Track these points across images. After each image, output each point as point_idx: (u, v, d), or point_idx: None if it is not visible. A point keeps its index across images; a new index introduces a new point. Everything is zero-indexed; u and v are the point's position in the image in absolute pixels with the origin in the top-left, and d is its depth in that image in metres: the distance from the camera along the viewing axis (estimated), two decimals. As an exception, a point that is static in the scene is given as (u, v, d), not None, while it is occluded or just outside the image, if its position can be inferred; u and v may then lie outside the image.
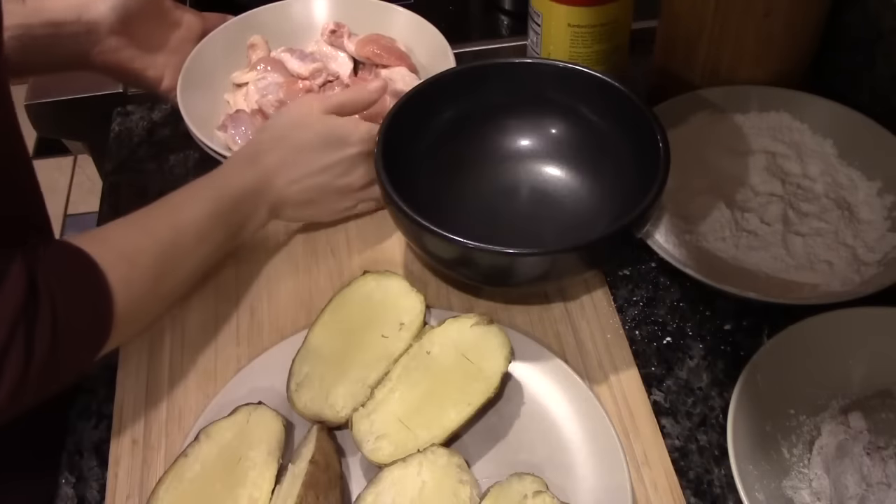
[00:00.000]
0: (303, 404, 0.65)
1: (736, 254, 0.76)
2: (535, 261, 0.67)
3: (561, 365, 0.69)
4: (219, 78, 0.91)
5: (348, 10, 0.96)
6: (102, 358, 0.73)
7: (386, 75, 0.88)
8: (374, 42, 0.91)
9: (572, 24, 0.83)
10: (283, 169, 0.74)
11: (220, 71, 0.91)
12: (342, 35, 0.93)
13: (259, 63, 0.91)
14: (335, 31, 0.93)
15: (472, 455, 0.65)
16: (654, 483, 0.64)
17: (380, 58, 0.91)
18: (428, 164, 0.79)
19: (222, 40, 0.92)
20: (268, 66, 0.90)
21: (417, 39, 0.93)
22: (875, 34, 0.85)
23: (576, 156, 0.82)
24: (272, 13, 0.95)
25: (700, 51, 0.86)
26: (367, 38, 0.92)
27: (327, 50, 0.93)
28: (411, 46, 0.93)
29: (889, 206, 0.78)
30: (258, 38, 0.93)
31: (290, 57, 0.91)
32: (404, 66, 0.90)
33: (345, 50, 0.93)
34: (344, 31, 0.93)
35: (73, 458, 0.68)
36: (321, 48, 0.94)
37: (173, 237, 0.67)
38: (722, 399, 0.69)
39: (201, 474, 0.61)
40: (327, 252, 0.80)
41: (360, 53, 0.92)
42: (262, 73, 0.89)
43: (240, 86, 0.91)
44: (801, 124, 0.85)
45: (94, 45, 0.82)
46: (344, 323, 0.70)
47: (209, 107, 0.88)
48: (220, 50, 0.91)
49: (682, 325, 0.74)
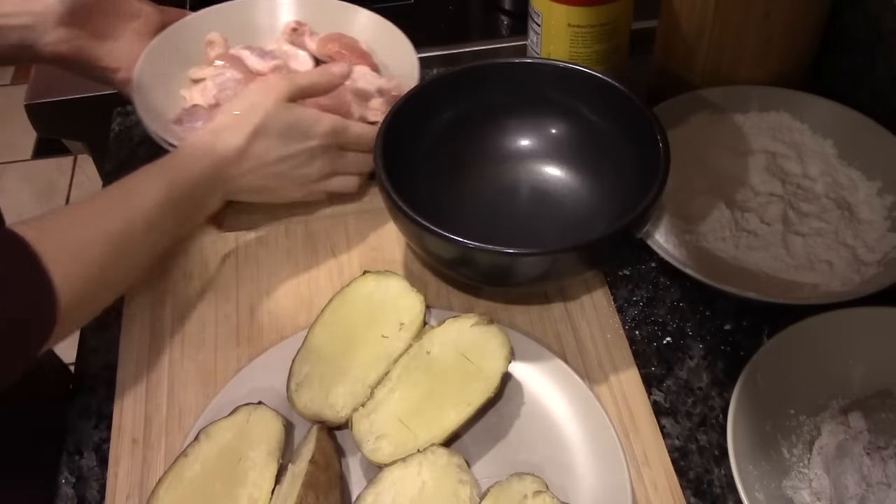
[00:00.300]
0: (303, 404, 0.65)
1: (736, 254, 0.76)
2: (535, 261, 0.67)
3: (561, 365, 0.69)
4: (175, 73, 0.89)
5: (310, 10, 0.94)
6: (102, 358, 0.74)
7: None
8: (335, 40, 0.90)
9: (572, 24, 0.83)
10: (241, 157, 0.72)
11: (177, 67, 0.89)
12: (303, 34, 0.92)
13: (217, 59, 0.88)
14: (296, 30, 0.92)
15: (472, 455, 0.65)
16: (654, 483, 0.64)
17: (341, 56, 0.89)
18: (428, 164, 0.79)
19: (180, 35, 0.90)
20: (226, 63, 0.88)
21: (380, 40, 0.92)
22: (875, 35, 0.85)
23: (576, 156, 0.82)
24: (233, 11, 0.94)
25: (700, 51, 0.86)
26: (328, 37, 0.91)
27: (288, 48, 0.92)
28: (374, 47, 0.91)
29: (889, 206, 0.78)
30: (216, 36, 0.91)
31: (249, 54, 0.89)
32: (366, 64, 0.89)
33: (306, 49, 0.92)
34: (305, 29, 0.92)
35: (73, 458, 0.68)
36: (281, 47, 0.92)
37: (123, 227, 0.65)
38: (722, 399, 0.69)
39: (201, 474, 0.61)
40: (327, 252, 0.80)
41: (321, 52, 0.90)
42: (221, 69, 0.87)
43: (197, 82, 0.89)
44: (801, 124, 0.85)
45: (41, 35, 0.80)
46: (344, 323, 0.70)
47: (165, 101, 0.86)
48: (177, 45, 0.89)
49: (682, 325, 0.74)
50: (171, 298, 0.77)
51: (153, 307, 0.76)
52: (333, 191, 0.80)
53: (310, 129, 0.74)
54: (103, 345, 0.75)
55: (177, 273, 0.79)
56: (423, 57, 0.99)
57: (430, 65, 1.00)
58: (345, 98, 0.83)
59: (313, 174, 0.77)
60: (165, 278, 0.78)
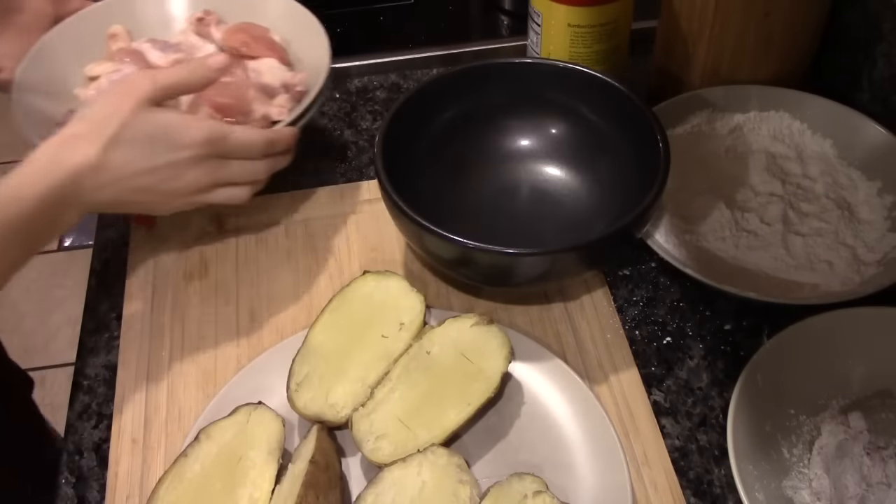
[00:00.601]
0: (303, 404, 0.65)
1: (736, 254, 0.76)
2: (535, 261, 0.67)
3: (561, 365, 0.69)
4: (74, 70, 0.81)
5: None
6: (102, 358, 0.74)
7: (254, 67, 0.80)
8: (242, 31, 0.82)
9: (572, 24, 0.83)
10: (95, 170, 0.62)
11: (75, 63, 0.81)
12: (209, 24, 0.84)
13: (117, 54, 0.81)
14: (202, 20, 0.84)
15: (472, 455, 0.65)
16: (654, 483, 0.64)
17: (247, 47, 0.81)
18: (428, 164, 0.79)
19: (78, 28, 0.81)
20: (126, 58, 0.80)
21: (296, 30, 0.83)
22: (875, 34, 0.85)
23: (576, 156, 0.82)
24: (139, 0, 0.86)
25: (700, 51, 0.86)
26: (235, 27, 0.83)
27: (194, 40, 0.84)
28: (289, 38, 0.83)
29: (889, 206, 0.78)
30: (119, 28, 0.83)
31: (150, 47, 0.81)
32: (275, 57, 0.81)
33: (213, 40, 0.84)
34: (212, 19, 0.84)
35: (73, 458, 0.68)
36: (188, 38, 0.84)
37: None
38: (722, 399, 0.69)
39: (201, 474, 0.61)
40: (327, 252, 0.80)
41: (226, 43, 0.82)
42: (119, 64, 0.80)
43: (93, 79, 0.81)
44: (801, 124, 0.85)
45: None
46: (344, 323, 0.70)
47: (55, 104, 0.77)
48: (76, 39, 0.81)
49: (682, 325, 0.74)
50: (171, 299, 0.77)
51: (153, 308, 0.76)
52: (218, 203, 0.70)
53: (178, 139, 0.65)
54: (103, 345, 0.75)
55: (177, 273, 0.79)
56: (423, 57, 1.00)
57: (430, 65, 1.00)
58: (245, 95, 0.76)
59: (187, 188, 0.67)
60: (165, 278, 0.78)
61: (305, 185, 0.86)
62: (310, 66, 0.80)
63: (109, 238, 0.83)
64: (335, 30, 1.04)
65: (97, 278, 0.80)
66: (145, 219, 0.81)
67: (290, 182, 0.86)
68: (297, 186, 0.86)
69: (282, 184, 0.83)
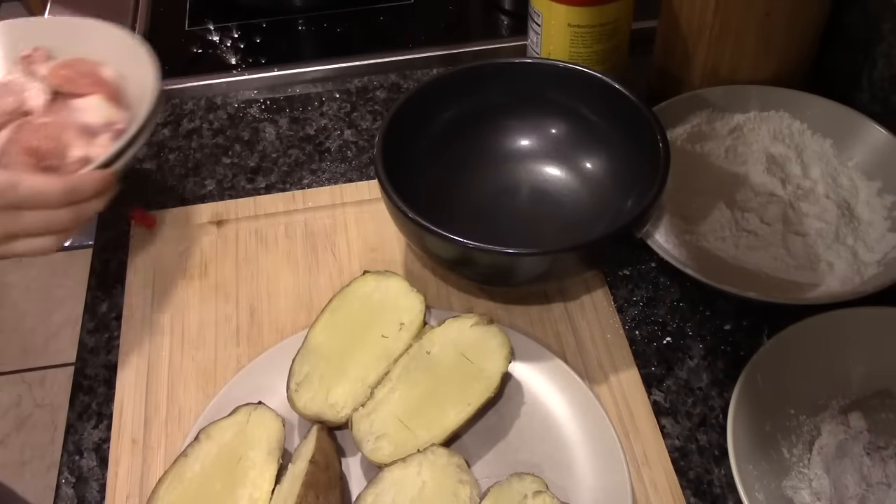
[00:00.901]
0: (303, 404, 0.65)
1: (736, 254, 0.76)
2: (535, 261, 0.67)
3: (561, 365, 0.69)
4: None
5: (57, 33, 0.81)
6: (102, 358, 0.74)
7: (77, 105, 0.75)
8: (68, 67, 0.77)
9: (572, 24, 0.83)
10: None
11: None
12: (35, 61, 0.78)
13: None
14: (28, 57, 0.78)
15: (472, 455, 0.65)
16: (654, 483, 0.64)
17: (72, 84, 0.76)
18: (428, 164, 0.79)
19: None
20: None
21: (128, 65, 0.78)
22: (875, 34, 0.85)
23: (576, 156, 0.82)
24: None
25: (700, 51, 0.86)
26: (62, 63, 0.77)
27: (22, 80, 0.77)
28: (124, 72, 0.78)
29: (889, 206, 0.78)
30: None
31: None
32: (103, 93, 0.76)
33: (38, 78, 0.77)
34: (39, 55, 0.78)
35: (73, 458, 0.68)
36: (17, 78, 0.78)
37: None
38: (722, 399, 0.69)
39: (201, 474, 0.61)
40: (327, 252, 0.80)
41: (52, 81, 0.76)
42: None
43: None
44: (801, 124, 0.85)
45: None
46: (344, 323, 0.70)
47: None
48: None
49: (682, 325, 0.74)
50: (171, 298, 0.77)
51: (152, 307, 0.76)
52: (19, 255, 0.65)
53: None
54: (103, 345, 0.75)
55: (177, 273, 0.79)
56: (423, 57, 1.00)
57: (430, 65, 1.00)
58: (61, 136, 0.71)
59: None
60: (165, 278, 0.78)
61: (305, 184, 0.86)
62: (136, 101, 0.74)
63: (109, 238, 0.83)
64: (335, 30, 1.05)
65: (97, 278, 0.80)
66: (145, 219, 0.82)
67: (290, 182, 0.86)
68: (297, 186, 0.86)
69: (282, 184, 0.83)
